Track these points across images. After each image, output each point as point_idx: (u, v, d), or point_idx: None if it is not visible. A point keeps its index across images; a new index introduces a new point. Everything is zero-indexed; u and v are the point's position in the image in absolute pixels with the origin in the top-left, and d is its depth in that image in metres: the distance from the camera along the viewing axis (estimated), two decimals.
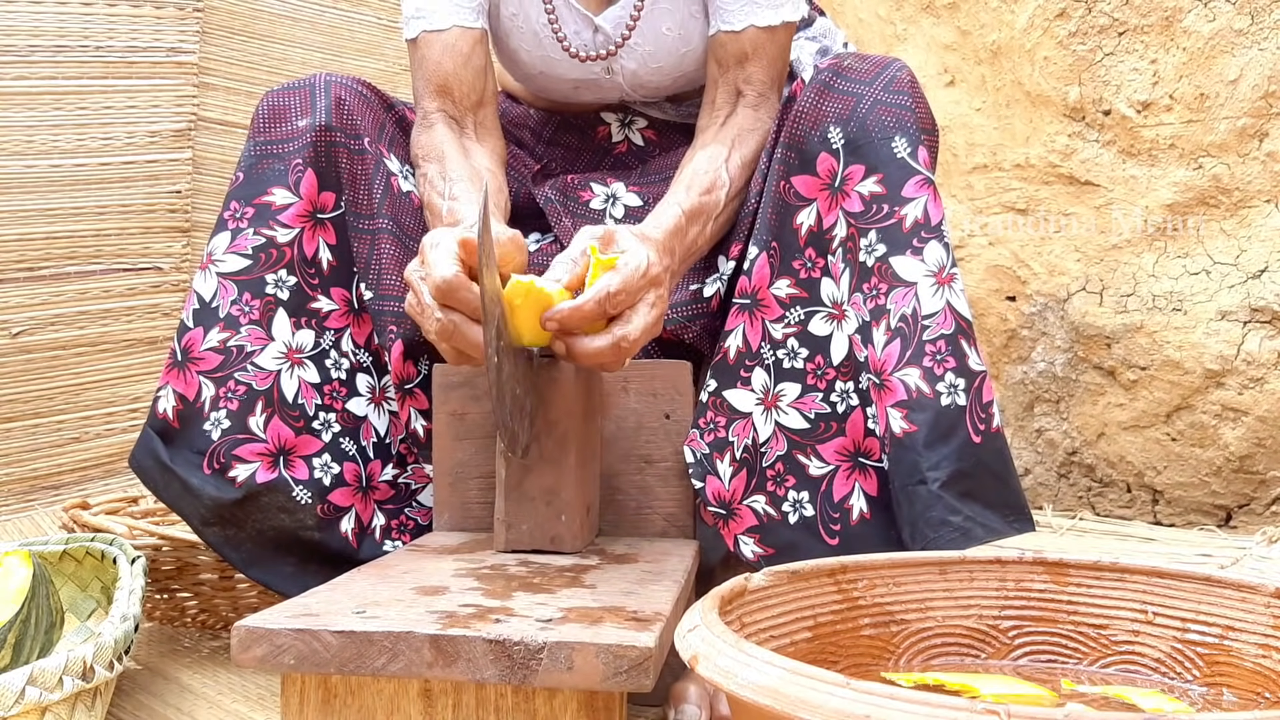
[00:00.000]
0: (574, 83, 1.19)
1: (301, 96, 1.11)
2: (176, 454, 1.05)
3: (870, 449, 0.99)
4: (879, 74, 1.02)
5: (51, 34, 1.82)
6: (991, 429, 0.95)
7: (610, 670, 0.68)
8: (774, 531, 1.01)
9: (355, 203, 1.11)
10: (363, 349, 1.11)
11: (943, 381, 0.94)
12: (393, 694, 0.73)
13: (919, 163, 0.99)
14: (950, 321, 0.95)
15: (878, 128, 0.99)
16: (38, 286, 1.82)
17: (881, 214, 0.98)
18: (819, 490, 1.00)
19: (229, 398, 1.05)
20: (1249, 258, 1.76)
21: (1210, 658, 0.72)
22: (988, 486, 0.94)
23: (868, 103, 1.01)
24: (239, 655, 0.71)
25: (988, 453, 0.94)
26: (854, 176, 1.00)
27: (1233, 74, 1.74)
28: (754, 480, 1.02)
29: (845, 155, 1.01)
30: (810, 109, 1.03)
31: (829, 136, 1.02)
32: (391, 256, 1.10)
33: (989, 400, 0.95)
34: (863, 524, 0.98)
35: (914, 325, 0.96)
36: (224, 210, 1.09)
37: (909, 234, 0.97)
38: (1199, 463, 1.82)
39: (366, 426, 1.11)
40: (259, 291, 1.07)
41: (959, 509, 0.92)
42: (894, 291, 0.97)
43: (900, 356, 0.95)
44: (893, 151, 0.99)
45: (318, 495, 1.06)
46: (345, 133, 1.11)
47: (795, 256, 1.03)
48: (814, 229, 1.02)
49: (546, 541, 0.95)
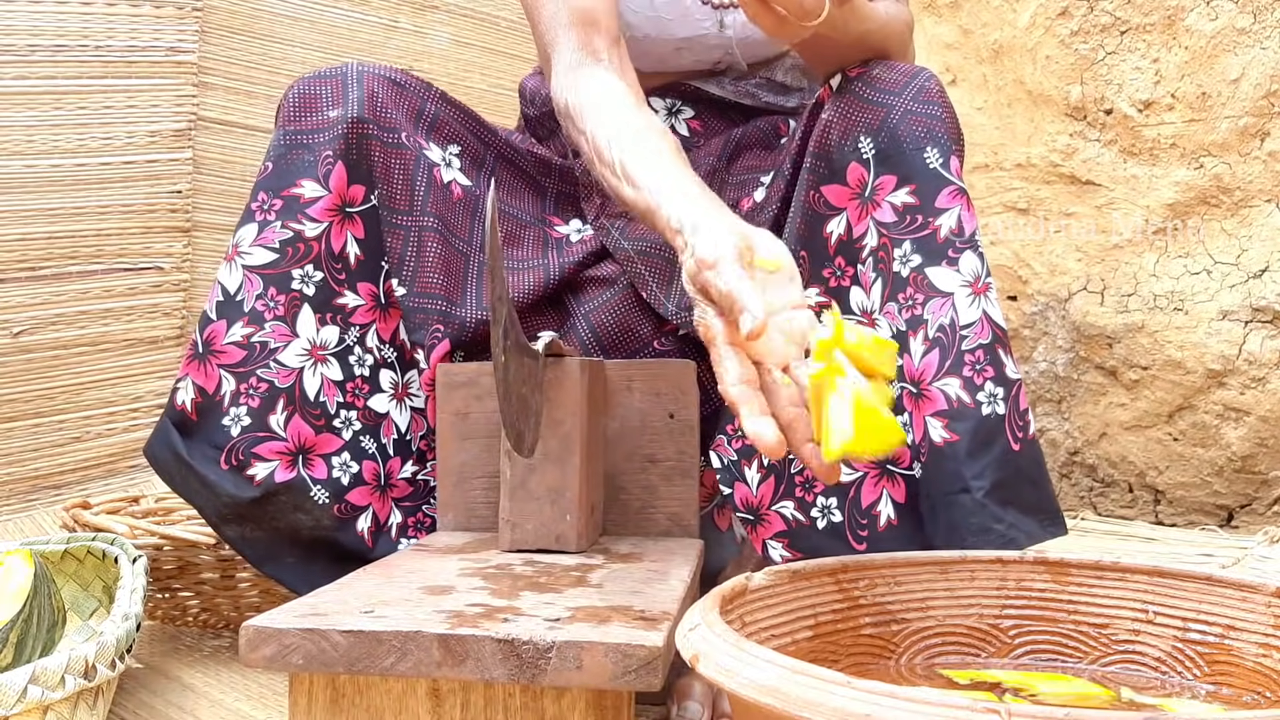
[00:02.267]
0: (679, 42, 1.17)
1: (333, 86, 1.08)
2: (194, 447, 1.04)
3: (899, 457, 0.99)
4: (908, 83, 1.02)
5: (51, 34, 1.83)
6: (1029, 436, 0.95)
7: (620, 669, 0.68)
8: (803, 537, 1.01)
9: (390, 197, 1.09)
10: (388, 344, 1.10)
11: (982, 391, 0.94)
12: (400, 693, 0.73)
13: (951, 173, 0.99)
14: (987, 331, 0.95)
15: (909, 138, 0.99)
16: (38, 286, 1.82)
17: (915, 224, 0.98)
18: (847, 496, 1.00)
19: (250, 394, 1.04)
20: (1250, 257, 1.76)
21: (1211, 657, 0.72)
22: (1025, 494, 0.94)
23: (899, 113, 1.00)
24: (247, 655, 0.71)
25: (1026, 460, 0.95)
26: (885, 187, 1.00)
27: (1235, 73, 1.74)
28: (782, 486, 1.02)
29: (876, 165, 1.00)
30: (839, 118, 1.02)
31: (859, 146, 1.01)
32: (436, 255, 1.08)
33: (1025, 408, 0.96)
34: (890, 530, 0.98)
35: (952, 335, 0.96)
36: (251, 200, 1.07)
37: (944, 244, 0.97)
38: (1201, 463, 1.82)
39: (388, 423, 1.10)
40: (285, 286, 1.05)
41: (1002, 517, 0.92)
42: (930, 302, 0.97)
43: (940, 366, 0.96)
44: (925, 162, 0.99)
45: (335, 495, 1.06)
46: (379, 125, 1.08)
47: (825, 265, 1.03)
48: (843, 238, 1.02)
49: (551, 541, 0.95)
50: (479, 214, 1.14)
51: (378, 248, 1.09)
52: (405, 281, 1.08)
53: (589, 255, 1.15)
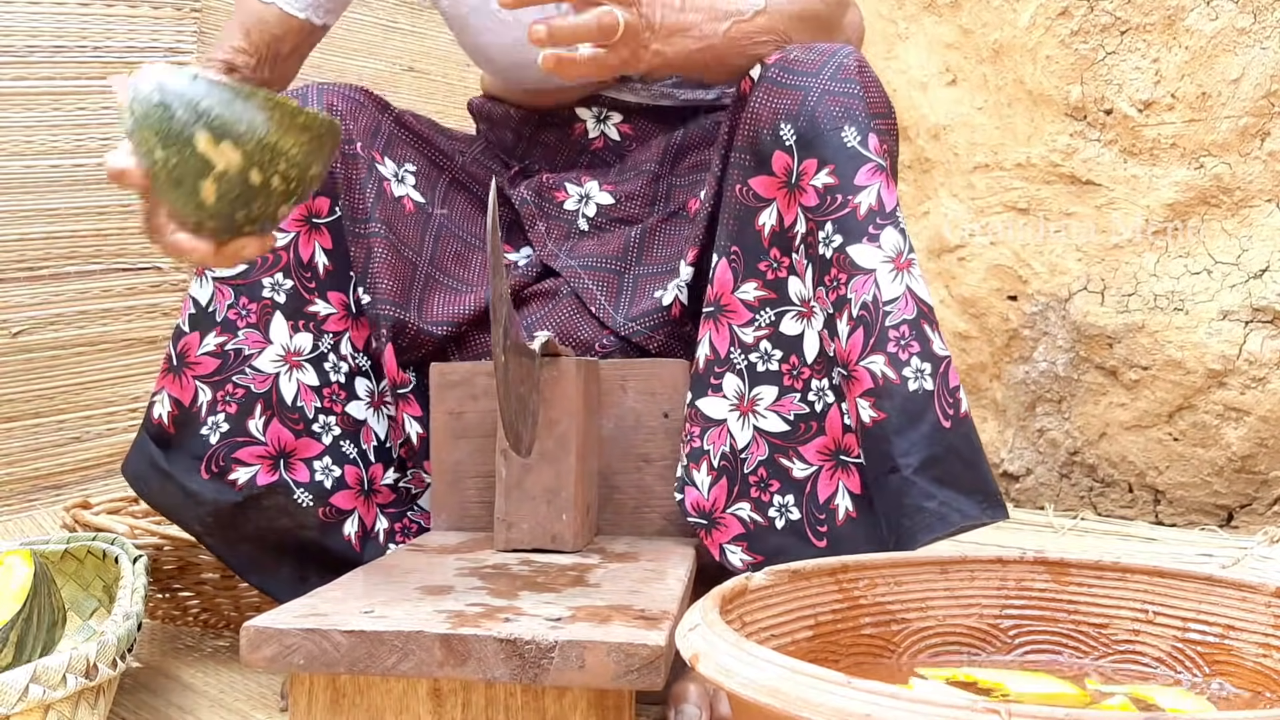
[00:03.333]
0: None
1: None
2: (174, 458, 1.04)
3: (849, 445, 0.98)
4: (825, 63, 1.00)
5: (49, 34, 1.82)
6: (960, 414, 0.93)
7: (622, 669, 0.68)
8: (761, 538, 1.00)
9: (351, 208, 1.10)
10: (361, 353, 1.11)
11: (908, 367, 0.93)
12: (401, 694, 0.73)
13: (870, 150, 0.97)
14: (911, 306, 0.94)
15: (827, 119, 0.98)
16: (37, 286, 1.82)
17: (836, 204, 0.97)
18: (804, 492, 0.99)
19: (227, 401, 1.04)
20: (1250, 257, 1.76)
21: (1210, 656, 0.72)
22: (960, 473, 0.92)
23: (815, 94, 0.99)
24: (248, 655, 0.71)
25: (958, 438, 0.93)
26: (809, 171, 0.98)
27: (1235, 73, 1.74)
28: (736, 488, 1.01)
29: (799, 151, 0.99)
30: (762, 108, 1.01)
31: (781, 134, 1.00)
32: (384, 261, 1.09)
33: (955, 385, 0.94)
34: (850, 523, 0.97)
35: (875, 312, 0.94)
36: None
37: (864, 221, 0.96)
38: (1201, 463, 1.82)
39: (367, 430, 1.11)
40: (255, 295, 1.06)
41: (934, 494, 0.91)
42: (853, 280, 0.95)
43: (864, 345, 0.94)
44: (843, 141, 0.97)
45: (319, 498, 1.06)
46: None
47: (760, 258, 1.02)
48: (775, 229, 1.01)
49: (547, 540, 0.95)
50: (429, 230, 1.15)
51: (344, 258, 1.10)
52: (369, 290, 1.09)
53: (533, 277, 1.16)
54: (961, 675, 0.71)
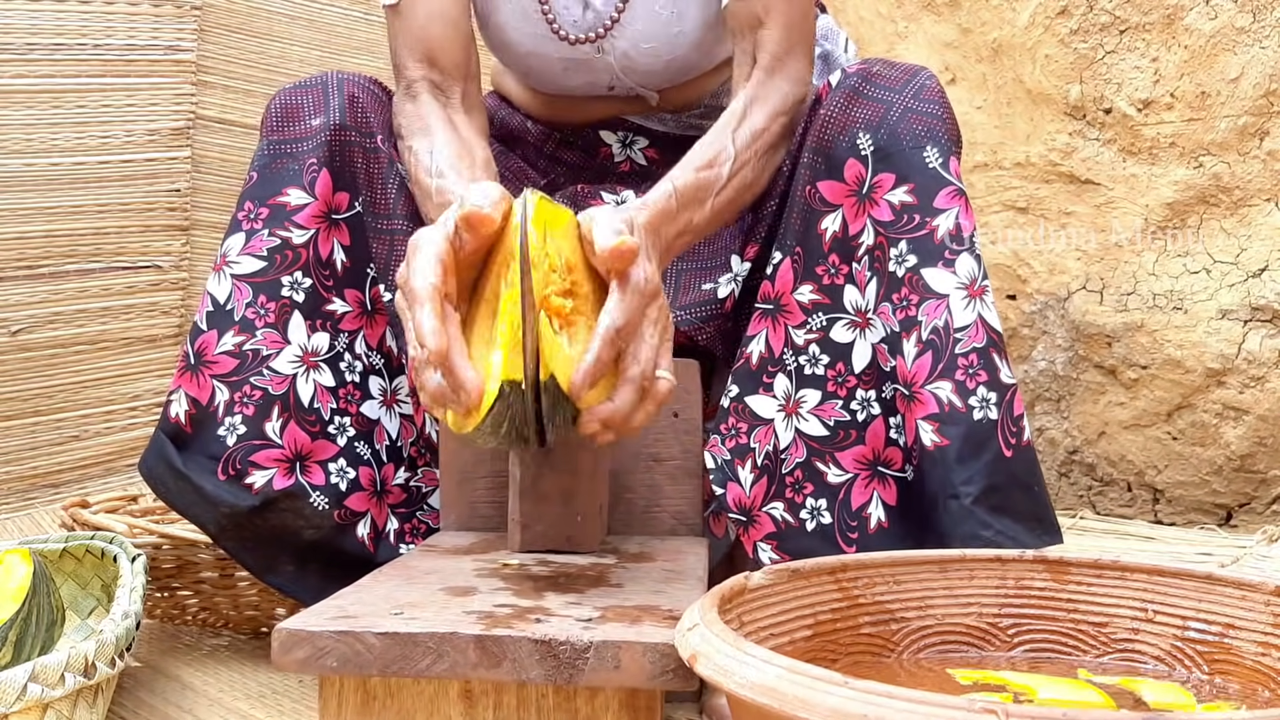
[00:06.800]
0: (564, 63, 1.17)
1: (314, 95, 1.09)
2: (190, 459, 1.03)
3: (891, 459, 0.98)
4: (909, 81, 1.01)
5: (49, 32, 1.82)
6: (1022, 443, 0.94)
7: (657, 669, 0.68)
8: (792, 538, 1.00)
9: (372, 203, 1.09)
10: (375, 350, 1.10)
11: (975, 395, 0.94)
12: (433, 695, 0.72)
13: (950, 174, 0.98)
14: (982, 335, 0.95)
15: (909, 136, 0.99)
16: (37, 285, 1.82)
17: (913, 224, 0.98)
18: (837, 498, 1.00)
19: (244, 402, 1.03)
20: (1249, 256, 1.76)
21: (1210, 655, 0.72)
22: (1017, 500, 0.93)
23: (898, 110, 1.00)
24: (279, 658, 0.70)
25: (1018, 466, 0.94)
26: (883, 185, 0.99)
27: (1234, 72, 1.74)
28: (773, 487, 1.01)
29: (874, 162, 1.00)
30: (838, 114, 1.02)
31: (857, 143, 1.01)
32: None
33: (1019, 414, 0.95)
34: (880, 533, 0.97)
35: (945, 338, 0.95)
36: (238, 210, 1.07)
37: (940, 245, 0.97)
38: (1200, 462, 1.82)
39: (379, 430, 1.10)
40: (274, 294, 1.05)
41: (990, 524, 0.92)
42: (925, 303, 0.96)
43: (932, 369, 0.95)
44: (924, 161, 0.98)
45: (335, 501, 1.05)
46: (360, 131, 1.09)
47: (819, 262, 1.02)
48: (839, 235, 1.02)
49: (562, 541, 0.94)
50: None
51: (363, 254, 1.10)
52: (390, 286, 1.08)
53: None
54: (994, 679, 0.71)
